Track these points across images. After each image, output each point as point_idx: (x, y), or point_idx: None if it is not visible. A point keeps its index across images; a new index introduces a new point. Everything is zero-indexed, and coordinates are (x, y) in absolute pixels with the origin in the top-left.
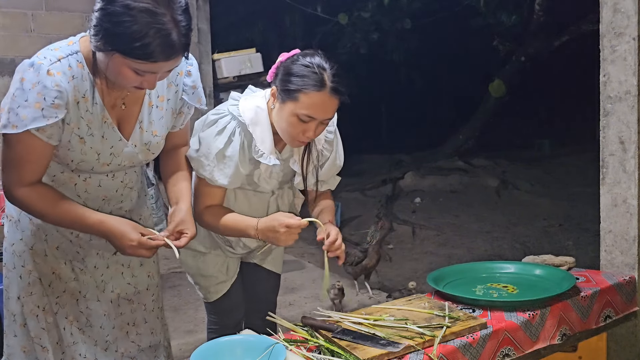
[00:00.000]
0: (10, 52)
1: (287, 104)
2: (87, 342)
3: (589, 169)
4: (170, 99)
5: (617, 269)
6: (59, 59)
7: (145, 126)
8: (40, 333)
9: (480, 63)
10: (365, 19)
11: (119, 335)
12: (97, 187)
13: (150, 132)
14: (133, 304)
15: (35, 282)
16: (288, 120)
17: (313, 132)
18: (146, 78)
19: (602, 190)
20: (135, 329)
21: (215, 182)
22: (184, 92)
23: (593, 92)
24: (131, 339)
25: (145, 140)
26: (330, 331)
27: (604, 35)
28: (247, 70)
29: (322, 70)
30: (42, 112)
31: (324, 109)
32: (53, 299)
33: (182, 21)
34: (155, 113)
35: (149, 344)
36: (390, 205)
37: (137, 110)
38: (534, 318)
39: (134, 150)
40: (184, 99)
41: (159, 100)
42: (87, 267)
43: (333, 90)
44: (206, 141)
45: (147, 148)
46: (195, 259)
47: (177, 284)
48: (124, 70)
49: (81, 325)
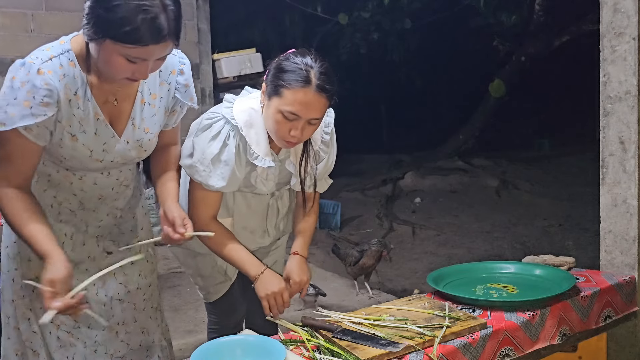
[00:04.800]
0: (10, 52)
1: (273, 100)
2: (75, 344)
3: (589, 169)
4: (163, 97)
5: (617, 269)
6: (50, 57)
7: (138, 123)
8: (32, 337)
9: (480, 63)
10: (365, 19)
11: (108, 337)
12: (93, 186)
13: (143, 130)
14: (123, 303)
15: (27, 286)
16: (273, 117)
17: (300, 132)
18: (138, 67)
19: (602, 190)
20: (125, 327)
21: (212, 187)
22: (176, 90)
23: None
24: (120, 339)
25: (137, 137)
26: (330, 331)
27: (604, 35)
28: (247, 70)
29: (309, 67)
30: (30, 111)
31: (309, 106)
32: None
33: (170, 5)
34: (147, 110)
35: (139, 344)
36: (390, 205)
37: (129, 107)
38: (534, 318)
39: (126, 147)
40: (177, 97)
41: (152, 97)
42: (78, 269)
43: (319, 88)
44: (200, 146)
45: (140, 145)
46: (195, 260)
47: (177, 284)
48: (115, 58)
49: (69, 328)
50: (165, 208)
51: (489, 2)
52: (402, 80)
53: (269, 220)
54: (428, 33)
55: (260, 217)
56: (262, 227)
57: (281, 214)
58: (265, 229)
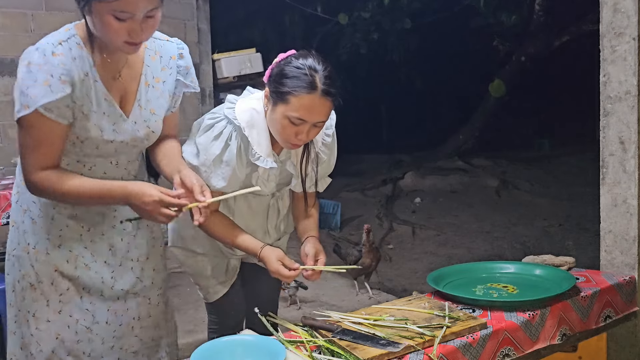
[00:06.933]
0: (10, 52)
1: (279, 106)
2: (94, 340)
3: (589, 169)
4: (166, 81)
5: (617, 269)
6: (60, 42)
7: (144, 104)
8: (30, 340)
9: (480, 63)
10: (365, 19)
11: (125, 332)
12: (103, 176)
13: (149, 110)
14: (138, 297)
15: (26, 288)
16: (280, 123)
17: (305, 135)
18: (130, 25)
19: (602, 190)
20: (140, 322)
21: (213, 187)
22: (178, 73)
23: (593, 92)
24: (135, 334)
25: (144, 118)
26: (330, 331)
27: (604, 35)
28: (247, 70)
29: (314, 72)
30: (50, 88)
31: (314, 111)
32: (56, 297)
33: None
34: (152, 92)
35: (151, 338)
36: (390, 205)
37: (134, 89)
38: (534, 318)
39: (135, 127)
40: (180, 79)
41: (155, 81)
42: (97, 263)
43: (324, 92)
44: (203, 147)
45: (147, 125)
46: (195, 260)
47: (177, 284)
48: (106, 20)
49: (88, 323)
50: (182, 176)
51: (489, 2)
52: (402, 80)
53: (270, 221)
54: (428, 33)
55: (261, 217)
56: (262, 228)
57: (281, 215)
58: (266, 229)
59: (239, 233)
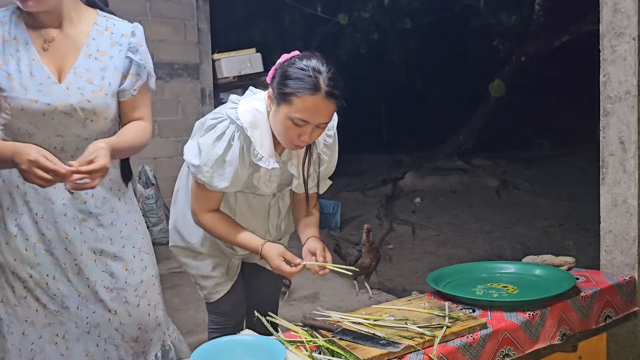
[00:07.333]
0: None
1: (282, 107)
2: (65, 323)
3: (589, 169)
4: (114, 57)
5: (617, 269)
6: None
7: (81, 72)
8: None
9: (480, 63)
10: (365, 19)
11: (100, 320)
12: None
13: (86, 79)
14: (112, 293)
15: None
16: (283, 124)
17: (309, 136)
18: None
19: (602, 190)
20: (118, 318)
21: (215, 188)
22: (129, 50)
23: (593, 92)
24: (114, 327)
25: (78, 85)
26: (330, 331)
27: (604, 35)
28: (247, 71)
29: (318, 73)
30: None
31: (318, 112)
32: (20, 284)
33: None
34: (94, 63)
35: (135, 339)
36: (390, 205)
37: (73, 59)
38: (534, 318)
39: (67, 92)
40: (131, 57)
41: (100, 53)
42: (54, 254)
43: (328, 94)
44: (205, 147)
45: (81, 93)
46: (195, 260)
47: (177, 284)
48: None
49: (57, 307)
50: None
51: (489, 2)
52: (402, 80)
53: (271, 221)
54: (428, 33)
55: (262, 217)
56: (263, 228)
57: (282, 214)
58: (266, 229)
59: (240, 231)
